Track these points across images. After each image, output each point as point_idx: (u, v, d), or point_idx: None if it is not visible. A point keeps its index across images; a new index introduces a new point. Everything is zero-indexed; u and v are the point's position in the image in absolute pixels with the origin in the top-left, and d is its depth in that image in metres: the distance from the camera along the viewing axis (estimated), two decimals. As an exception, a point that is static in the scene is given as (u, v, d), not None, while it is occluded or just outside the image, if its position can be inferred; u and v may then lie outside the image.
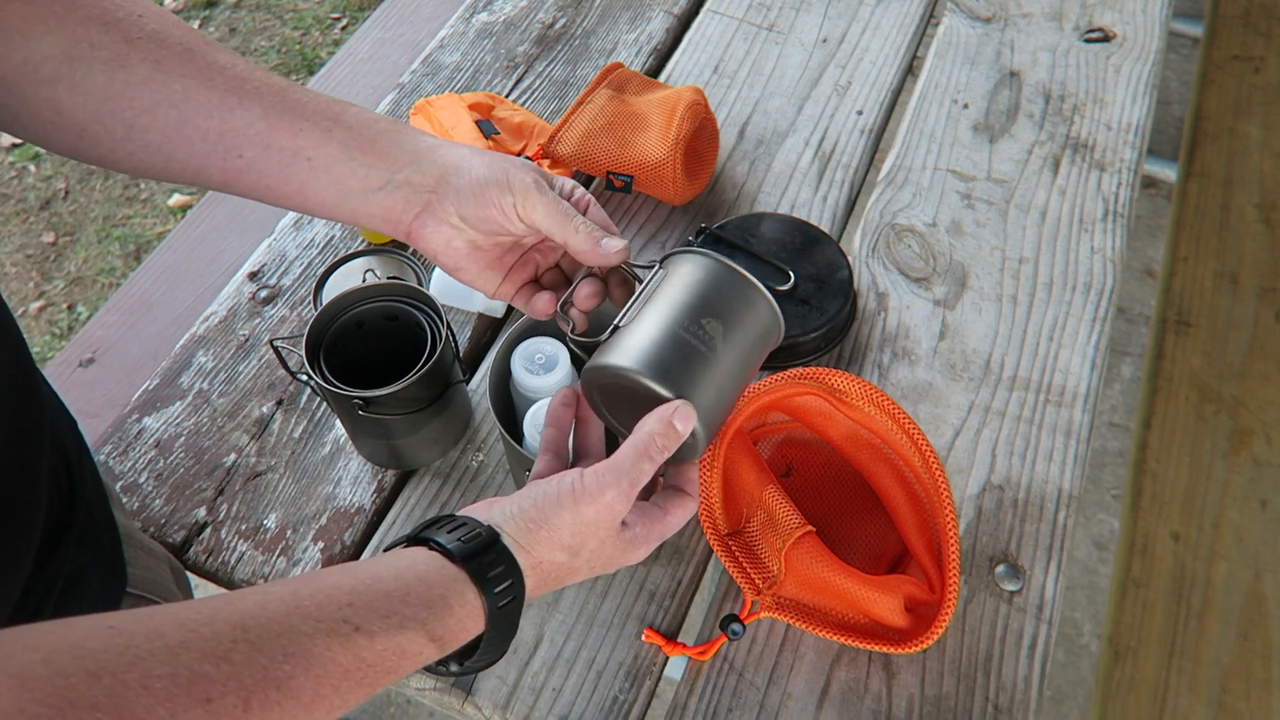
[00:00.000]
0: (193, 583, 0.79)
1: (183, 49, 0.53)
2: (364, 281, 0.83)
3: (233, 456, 0.82)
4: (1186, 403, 1.26)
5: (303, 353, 0.71)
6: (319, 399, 0.85)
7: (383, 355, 0.75)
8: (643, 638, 0.72)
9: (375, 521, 0.79)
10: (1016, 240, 0.95)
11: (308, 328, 0.72)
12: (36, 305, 2.02)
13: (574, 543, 0.50)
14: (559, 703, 0.69)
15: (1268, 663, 1.05)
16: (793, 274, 0.87)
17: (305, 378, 0.76)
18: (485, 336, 0.91)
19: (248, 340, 0.89)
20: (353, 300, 0.74)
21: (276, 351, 0.75)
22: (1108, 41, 1.13)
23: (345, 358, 0.73)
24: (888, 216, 0.98)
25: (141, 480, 0.81)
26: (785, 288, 0.86)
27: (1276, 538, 1.14)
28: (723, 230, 0.90)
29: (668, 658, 0.72)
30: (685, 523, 0.55)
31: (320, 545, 0.77)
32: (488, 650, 0.48)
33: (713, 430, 0.54)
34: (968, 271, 0.93)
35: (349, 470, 0.81)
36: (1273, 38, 1.68)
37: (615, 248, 0.54)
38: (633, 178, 0.94)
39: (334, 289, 0.85)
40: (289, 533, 0.78)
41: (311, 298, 0.88)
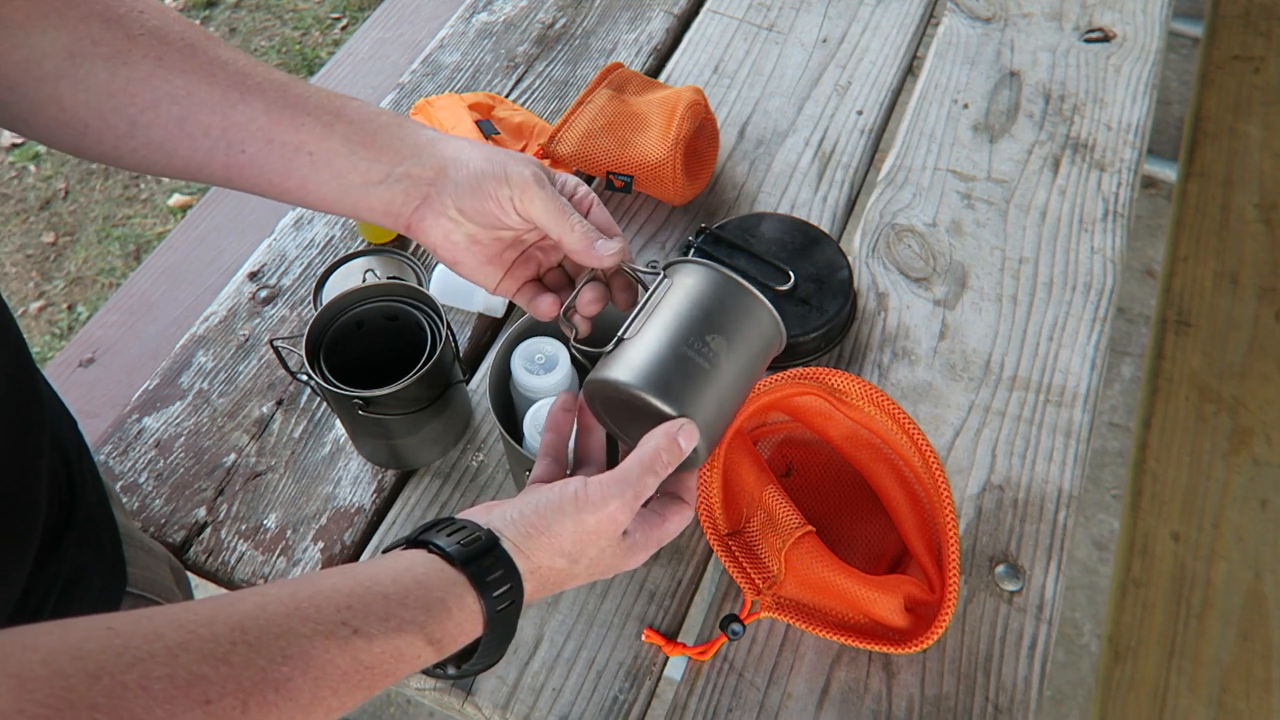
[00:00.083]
0: (193, 582, 0.79)
1: (184, 45, 0.53)
2: (364, 281, 0.83)
3: (233, 456, 0.82)
4: (1186, 403, 1.26)
5: (303, 353, 0.71)
6: (319, 399, 0.85)
7: (383, 355, 0.75)
8: (643, 638, 0.72)
9: (375, 521, 0.79)
10: (1016, 240, 0.95)
11: (308, 328, 0.72)
12: (36, 305, 2.02)
13: (574, 550, 0.50)
14: (559, 703, 0.69)
15: (1268, 663, 1.05)
16: (793, 274, 0.87)
17: (305, 378, 0.76)
18: (485, 336, 0.91)
19: (248, 340, 0.89)
20: (353, 300, 0.74)
21: (276, 351, 0.75)
22: (1108, 41, 1.13)
23: (345, 358, 0.73)
24: (888, 216, 0.98)
25: (141, 480, 0.81)
26: (785, 288, 0.86)
27: (1276, 538, 1.14)
28: (723, 230, 0.90)
29: (668, 658, 0.72)
30: (682, 529, 0.55)
31: (320, 545, 0.77)
32: (485, 654, 0.48)
33: (714, 442, 0.55)
34: (968, 271, 0.93)
35: (349, 470, 0.81)
36: (1273, 38, 1.68)
37: (610, 250, 0.54)
38: (633, 178, 0.94)
39: (334, 289, 0.85)
40: (289, 533, 0.78)
41: (311, 298, 0.88)
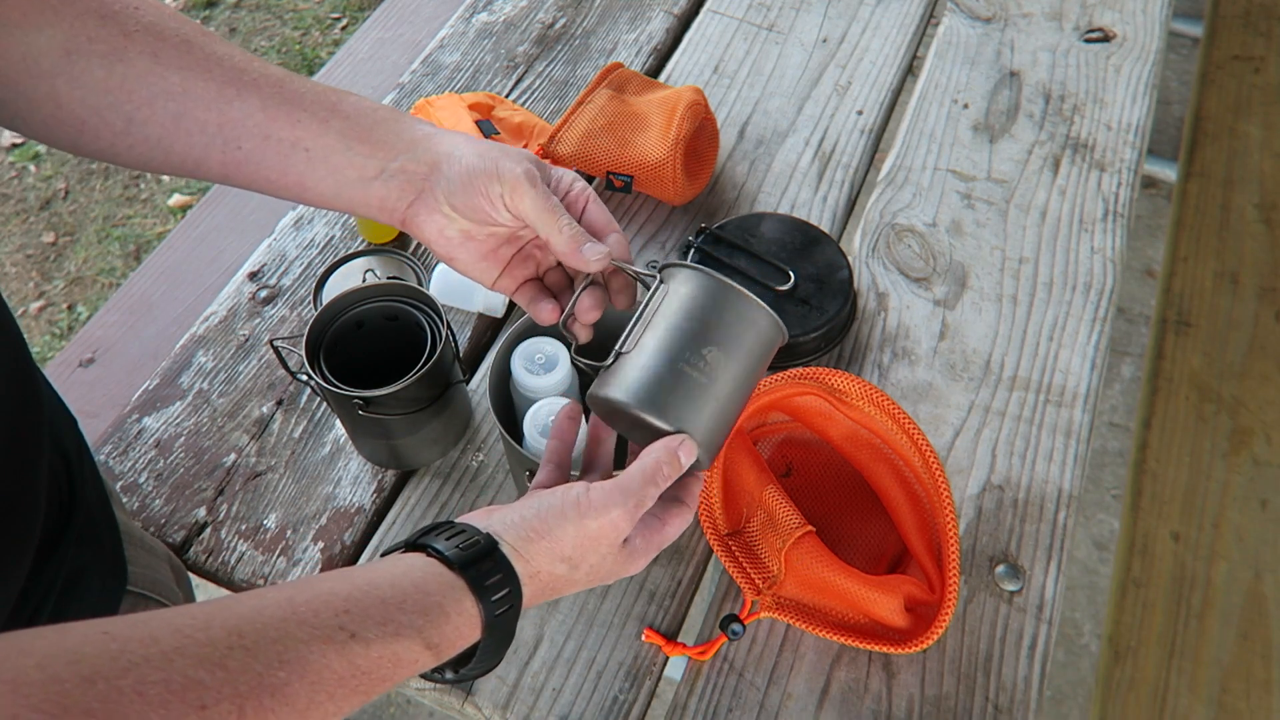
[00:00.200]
0: (193, 581, 0.79)
1: (180, 40, 0.52)
2: (364, 281, 0.83)
3: (233, 456, 0.82)
4: (1186, 403, 1.26)
5: (303, 353, 0.71)
6: (319, 399, 0.85)
7: (383, 355, 0.75)
8: (643, 638, 0.72)
9: (375, 522, 0.79)
10: (1016, 240, 0.95)
11: (308, 328, 0.72)
12: (36, 305, 2.02)
13: (575, 555, 0.50)
14: (559, 703, 0.69)
15: (1268, 663, 1.05)
16: (793, 274, 0.87)
17: (305, 378, 0.76)
18: (485, 336, 0.91)
19: (248, 340, 0.89)
20: (353, 300, 0.74)
21: (276, 351, 0.75)
22: (1108, 41, 1.13)
23: (345, 358, 0.73)
24: (888, 216, 0.98)
25: (141, 480, 0.81)
26: (785, 288, 0.86)
27: (1276, 538, 1.14)
28: (723, 230, 0.90)
29: (668, 658, 0.72)
30: (682, 532, 0.55)
31: (320, 545, 0.77)
32: (484, 658, 0.48)
33: (717, 450, 0.55)
34: (968, 271, 0.93)
35: (349, 470, 0.81)
36: (1273, 38, 1.68)
37: (596, 255, 0.53)
38: (633, 178, 0.94)
39: (334, 289, 0.85)
40: (289, 533, 0.78)
41: (311, 298, 0.88)
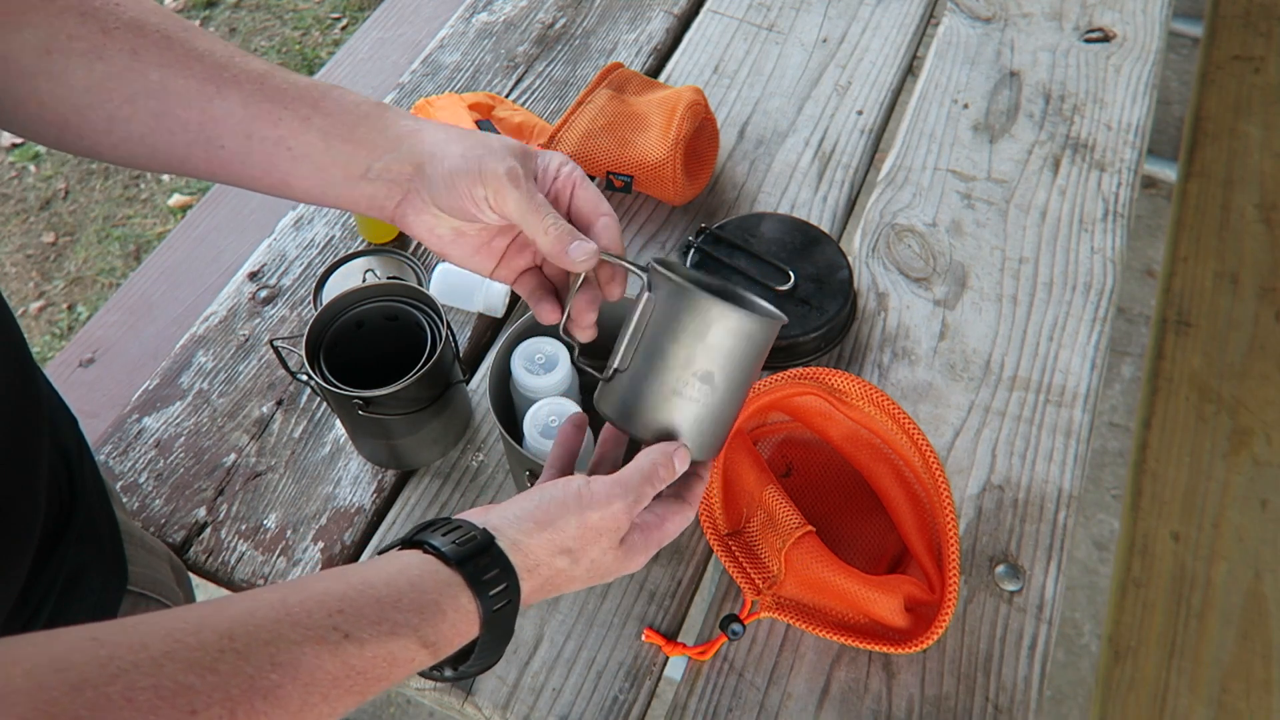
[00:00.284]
0: (193, 581, 0.79)
1: (160, 36, 0.51)
2: (364, 281, 0.83)
3: (233, 456, 0.82)
4: (1186, 403, 1.26)
5: (303, 353, 0.71)
6: (319, 399, 0.85)
7: (383, 355, 0.75)
8: (643, 638, 0.72)
9: (375, 522, 0.79)
10: (1016, 240, 0.95)
11: (308, 328, 0.72)
12: (36, 305, 2.02)
13: (575, 547, 0.49)
14: (559, 703, 0.69)
15: (1268, 663, 1.05)
16: (793, 274, 0.87)
17: (305, 378, 0.76)
18: (485, 336, 0.91)
19: (248, 340, 0.89)
20: (353, 300, 0.74)
21: (276, 351, 0.75)
22: (1108, 41, 1.13)
23: (345, 358, 0.73)
24: (888, 216, 0.98)
25: (141, 480, 0.81)
26: (785, 288, 0.86)
27: (1276, 538, 1.14)
28: (723, 230, 0.90)
29: (668, 658, 0.72)
30: (682, 530, 0.55)
31: (320, 545, 0.77)
32: (483, 654, 0.47)
33: (716, 452, 0.56)
34: (968, 271, 0.93)
35: (349, 470, 0.81)
36: (1273, 38, 1.68)
37: (582, 255, 0.52)
38: (633, 178, 0.94)
39: (334, 289, 0.85)
40: (289, 533, 0.78)
41: (311, 298, 0.88)
